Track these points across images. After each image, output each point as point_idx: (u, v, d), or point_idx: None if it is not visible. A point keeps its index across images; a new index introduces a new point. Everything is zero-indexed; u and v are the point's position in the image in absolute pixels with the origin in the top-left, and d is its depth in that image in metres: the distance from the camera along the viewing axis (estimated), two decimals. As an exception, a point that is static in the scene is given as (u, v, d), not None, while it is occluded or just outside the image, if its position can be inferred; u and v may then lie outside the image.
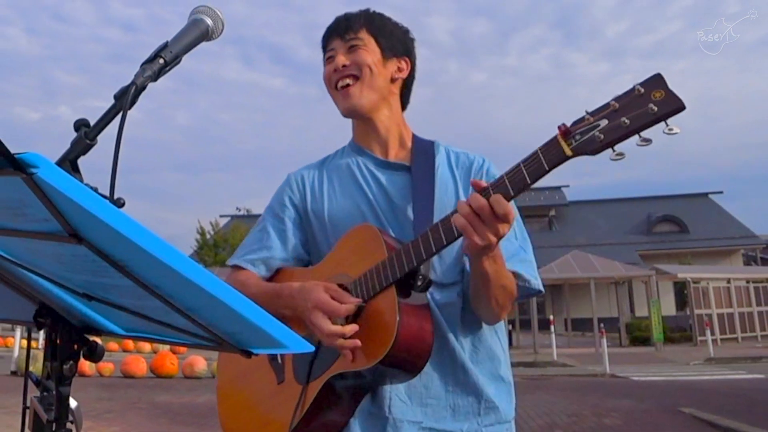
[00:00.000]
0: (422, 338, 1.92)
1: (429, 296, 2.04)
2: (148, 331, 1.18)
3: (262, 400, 2.18)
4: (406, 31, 2.43)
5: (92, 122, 1.26)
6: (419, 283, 1.93)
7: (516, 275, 2.10)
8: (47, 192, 0.85)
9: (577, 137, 1.72)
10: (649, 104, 1.63)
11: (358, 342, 1.88)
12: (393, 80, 2.35)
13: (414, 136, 2.41)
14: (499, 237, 1.80)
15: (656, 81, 1.66)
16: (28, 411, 1.17)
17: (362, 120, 2.35)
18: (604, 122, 1.69)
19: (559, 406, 14.12)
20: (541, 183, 1.82)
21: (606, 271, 38.80)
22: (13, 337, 23.60)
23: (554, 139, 1.74)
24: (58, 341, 1.18)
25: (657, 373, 23.52)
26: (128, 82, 1.34)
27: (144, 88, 1.36)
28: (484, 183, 1.81)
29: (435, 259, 2.11)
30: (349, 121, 2.43)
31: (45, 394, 1.15)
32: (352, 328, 1.90)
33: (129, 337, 1.27)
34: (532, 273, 2.17)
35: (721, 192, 62.86)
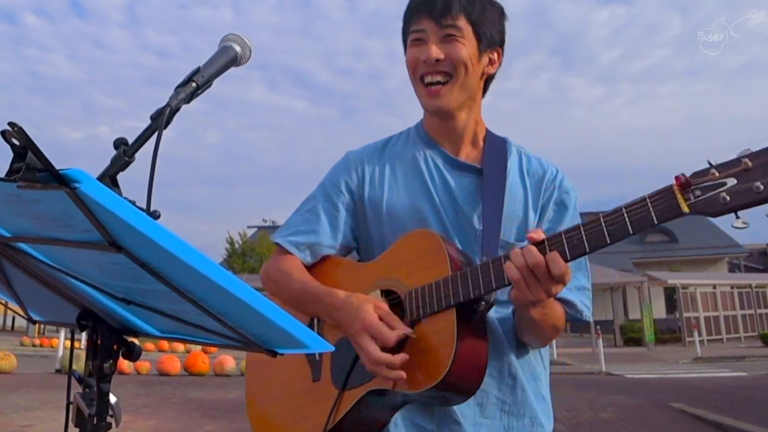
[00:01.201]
0: (477, 364, 1.71)
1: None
2: (182, 333, 1.18)
3: (296, 394, 1.95)
4: (502, 13, 2.05)
5: (130, 141, 1.26)
6: (481, 308, 1.71)
7: (569, 303, 1.90)
8: (89, 205, 0.85)
9: (698, 193, 1.43)
10: None
11: (403, 375, 1.64)
12: (482, 75, 2.03)
13: (487, 133, 2.12)
14: (551, 296, 1.61)
15: None
16: (71, 406, 1.16)
17: (443, 117, 2.02)
18: (732, 181, 1.39)
19: (558, 402, 13.79)
20: None
21: (602, 278, 38.63)
22: (58, 338, 23.71)
23: (669, 190, 1.45)
24: (99, 342, 1.18)
25: (649, 372, 23.61)
26: (163, 104, 1.34)
27: (178, 109, 1.36)
28: (541, 235, 1.60)
29: None
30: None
31: (87, 390, 1.14)
32: (402, 358, 1.65)
33: (164, 338, 1.26)
34: (587, 303, 1.96)
35: None
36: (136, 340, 1.22)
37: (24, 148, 0.85)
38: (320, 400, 1.85)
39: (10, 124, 0.87)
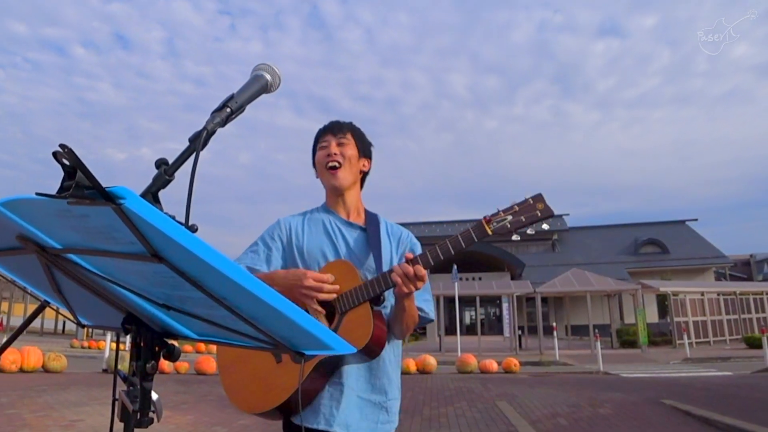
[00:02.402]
0: (383, 334, 2.44)
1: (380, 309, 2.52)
2: (217, 336, 1.17)
3: (265, 374, 2.49)
4: (370, 144, 2.89)
5: (170, 161, 1.25)
6: (382, 300, 2.48)
7: (422, 310, 2.64)
8: (133, 219, 0.85)
9: (495, 224, 2.33)
10: (536, 211, 2.31)
11: (337, 287, 2.44)
12: (360, 172, 2.82)
13: (365, 210, 2.86)
14: (417, 289, 2.34)
15: (538, 197, 2.33)
16: (117, 402, 1.16)
17: (338, 193, 2.77)
18: (510, 217, 2.32)
19: (560, 398, 14.07)
20: None
21: (600, 286, 38.96)
22: (104, 340, 23.73)
23: (481, 223, 2.34)
24: (141, 344, 1.18)
25: (643, 371, 23.49)
26: (200, 127, 1.34)
27: (214, 132, 1.36)
28: (411, 255, 2.34)
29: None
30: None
31: (131, 388, 1.14)
32: (331, 286, 2.45)
33: (201, 341, 1.26)
34: (431, 309, 2.72)
35: (696, 219, 62.57)
36: (175, 343, 1.22)
37: (74, 167, 0.85)
38: (286, 372, 2.43)
39: (61, 145, 0.86)
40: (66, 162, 0.86)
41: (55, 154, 0.87)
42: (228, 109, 1.41)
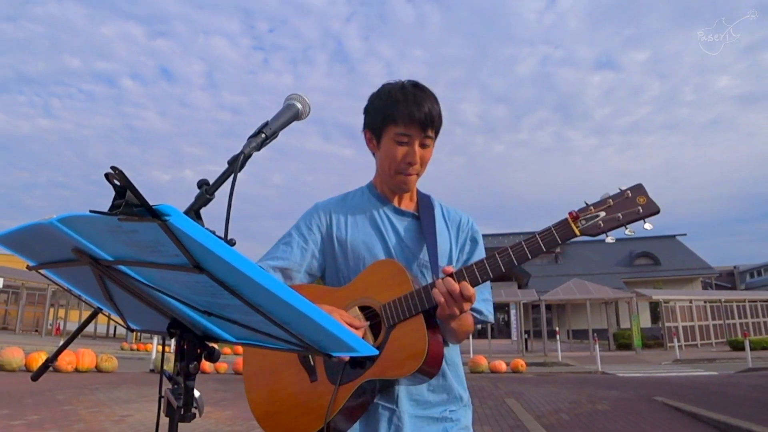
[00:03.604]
0: (440, 351, 1.88)
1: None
2: (254, 339, 1.17)
3: (297, 394, 2.00)
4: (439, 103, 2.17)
5: (210, 181, 1.26)
6: (436, 314, 1.87)
7: (478, 311, 2.10)
8: (177, 234, 0.85)
9: (583, 222, 1.78)
10: (637, 207, 1.76)
11: (362, 330, 1.91)
12: None
13: (417, 190, 2.26)
14: (463, 311, 1.83)
15: (639, 188, 1.79)
16: (163, 399, 1.16)
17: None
18: (602, 214, 1.78)
19: (562, 395, 14.25)
20: (547, 225, 1.82)
21: (598, 294, 39.41)
22: (151, 343, 23.88)
23: (566, 221, 1.79)
24: (185, 347, 1.17)
25: (637, 371, 23.70)
26: (237, 151, 1.34)
27: (250, 156, 1.36)
28: (451, 269, 1.83)
29: None
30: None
31: (175, 386, 1.14)
32: (362, 327, 1.91)
33: (239, 344, 1.26)
34: (490, 309, 2.16)
35: (685, 234, 62.56)
36: (215, 345, 1.22)
37: (124, 187, 0.85)
38: (320, 396, 1.94)
39: (113, 168, 0.87)
40: (117, 182, 0.87)
41: (107, 176, 0.87)
42: (263, 135, 1.42)
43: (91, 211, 0.88)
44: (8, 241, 1.08)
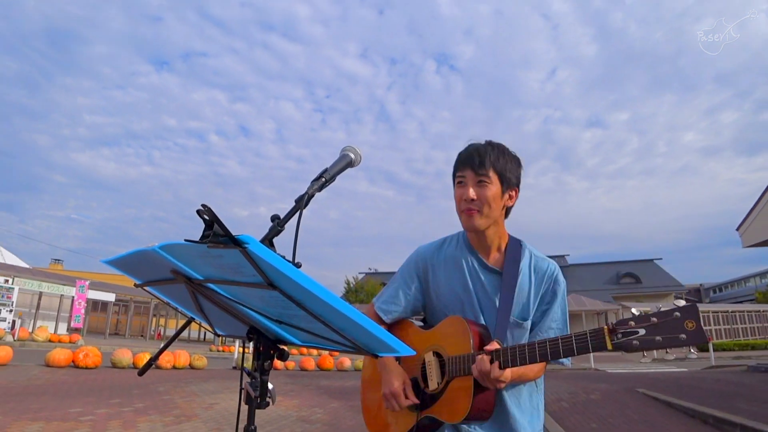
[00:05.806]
0: (487, 408, 1.80)
1: None
2: (316, 342, 1.17)
3: (389, 410, 1.96)
4: (519, 164, 2.01)
5: (281, 216, 1.27)
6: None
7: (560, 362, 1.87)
8: (254, 259, 0.86)
9: (620, 336, 1.49)
10: (681, 333, 1.42)
11: (402, 404, 1.86)
12: (503, 207, 1.98)
13: (509, 239, 2.05)
14: (498, 387, 1.73)
15: (691, 311, 1.44)
16: (243, 391, 1.17)
17: (476, 232, 2.00)
18: (642, 331, 1.46)
19: (562, 387, 14.51)
20: (551, 251, 1.72)
21: (591, 306, 40.52)
22: (234, 346, 24.03)
23: (602, 331, 1.52)
24: (261, 348, 1.18)
25: (623, 368, 24.51)
26: (303, 192, 1.35)
27: (313, 195, 1.37)
28: (492, 348, 1.71)
29: (508, 333, 1.90)
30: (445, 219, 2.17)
31: (253, 380, 1.15)
32: (408, 402, 1.87)
33: (304, 346, 1.26)
34: (568, 361, 1.91)
35: (660, 258, 62.48)
36: (285, 347, 1.23)
37: (211, 221, 0.87)
38: (405, 415, 1.93)
39: (203, 205, 0.89)
40: (206, 217, 0.88)
41: (198, 212, 0.89)
42: (323, 179, 1.42)
43: (185, 240, 0.90)
44: (119, 264, 1.11)
